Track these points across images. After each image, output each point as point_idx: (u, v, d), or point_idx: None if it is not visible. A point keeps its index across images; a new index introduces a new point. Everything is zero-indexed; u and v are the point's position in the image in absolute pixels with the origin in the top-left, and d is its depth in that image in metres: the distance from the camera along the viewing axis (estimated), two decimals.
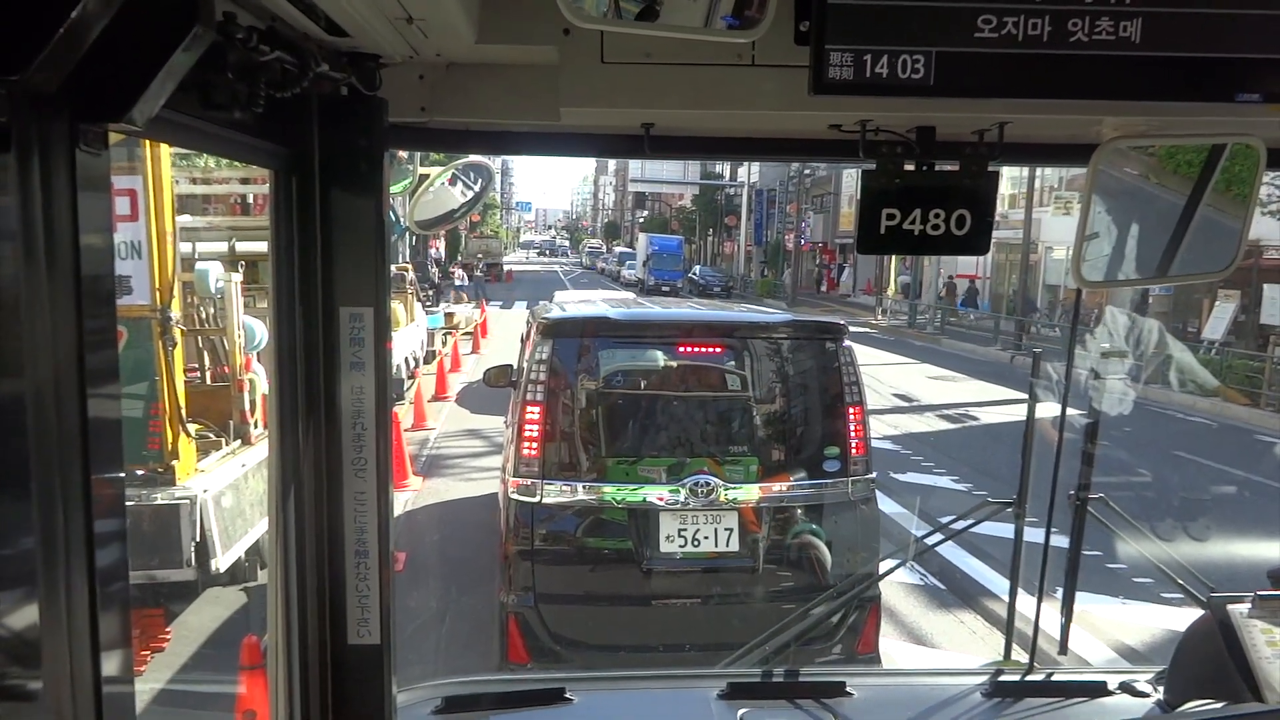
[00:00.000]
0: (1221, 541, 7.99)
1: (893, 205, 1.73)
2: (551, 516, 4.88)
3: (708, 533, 4.82)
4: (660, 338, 5.31)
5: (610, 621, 4.93)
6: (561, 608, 4.80)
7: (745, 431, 5.19)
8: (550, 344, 5.01)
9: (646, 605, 4.89)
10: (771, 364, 5.38)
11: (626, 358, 5.27)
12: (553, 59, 1.60)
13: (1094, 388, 2.90)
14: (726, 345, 5.35)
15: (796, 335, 5.43)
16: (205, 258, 7.24)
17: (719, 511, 4.84)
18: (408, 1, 1.36)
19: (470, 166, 2.67)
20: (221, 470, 6.35)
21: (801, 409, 5.33)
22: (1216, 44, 1.40)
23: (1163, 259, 1.86)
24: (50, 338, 0.93)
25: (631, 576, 4.85)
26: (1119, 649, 6.06)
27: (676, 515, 4.82)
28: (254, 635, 4.45)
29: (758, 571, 4.87)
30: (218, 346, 7.32)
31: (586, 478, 4.95)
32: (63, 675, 0.95)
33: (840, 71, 1.39)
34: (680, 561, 4.84)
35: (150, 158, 5.59)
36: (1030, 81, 1.40)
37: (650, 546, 4.82)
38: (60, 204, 0.92)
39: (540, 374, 4.91)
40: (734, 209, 59.15)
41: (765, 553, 4.89)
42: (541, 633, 4.76)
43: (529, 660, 4.75)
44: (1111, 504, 2.77)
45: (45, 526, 0.93)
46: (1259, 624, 2.03)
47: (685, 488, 4.81)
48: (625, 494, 4.88)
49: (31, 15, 0.80)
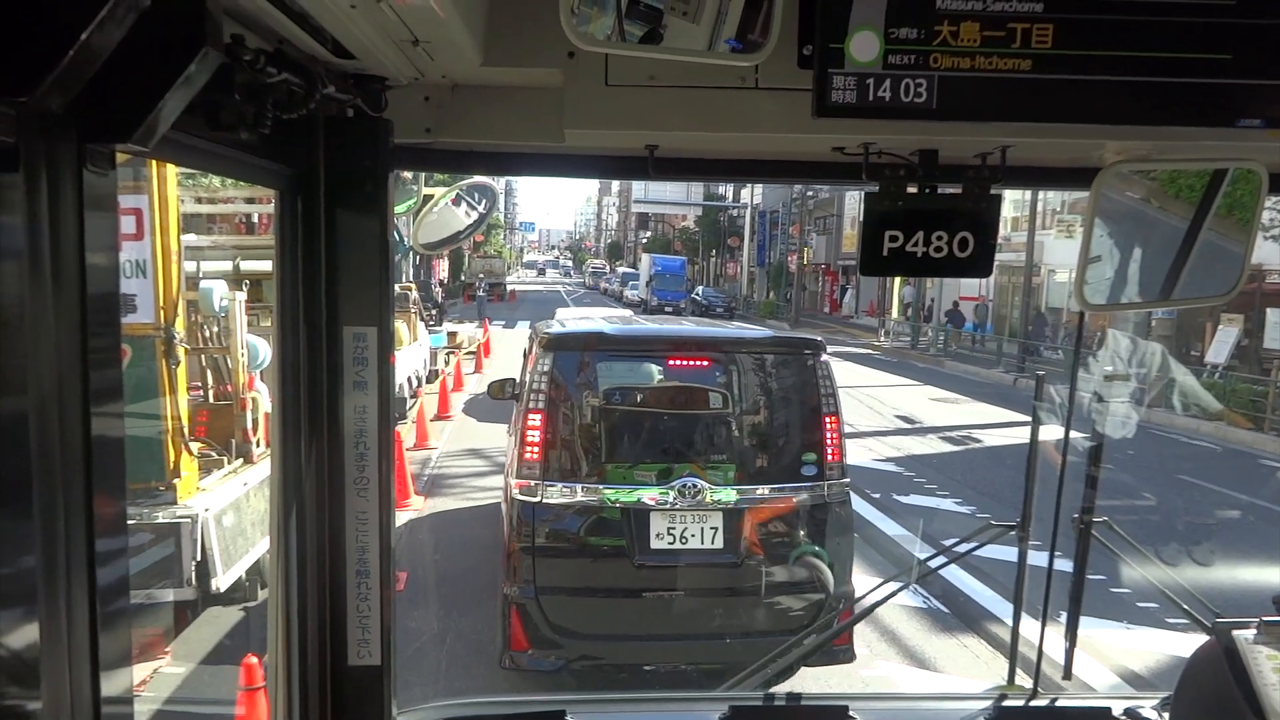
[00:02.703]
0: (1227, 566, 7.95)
1: (895, 227, 1.73)
2: (551, 516, 5.24)
3: (694, 531, 5.20)
4: (652, 351, 5.77)
5: (604, 612, 5.31)
6: (559, 599, 5.17)
7: (730, 438, 5.58)
8: (551, 357, 5.40)
9: (638, 597, 5.24)
10: (755, 376, 5.76)
11: (621, 370, 5.67)
12: (557, 81, 1.61)
13: (1097, 411, 2.89)
14: (713, 359, 5.72)
15: (778, 350, 5.92)
16: (210, 276, 7.25)
17: (705, 511, 5.21)
18: (414, 24, 1.37)
19: (474, 187, 2.68)
20: (223, 489, 6.34)
21: (782, 418, 5.72)
22: (1218, 70, 1.40)
23: (1165, 283, 1.86)
24: (55, 355, 0.93)
25: (624, 571, 5.22)
26: (1124, 675, 6.01)
27: (666, 515, 5.20)
28: (254, 655, 4.43)
29: (741, 566, 5.23)
30: (221, 365, 7.33)
31: (583, 480, 5.31)
32: (62, 694, 0.95)
33: (843, 95, 1.39)
34: (669, 556, 5.21)
35: (156, 177, 5.63)
36: (1032, 105, 1.41)
37: (641, 543, 5.19)
38: (67, 223, 0.93)
39: (541, 384, 5.30)
40: (737, 230, 59.08)
41: (747, 550, 5.26)
42: (541, 622, 5.14)
43: (529, 648, 5.16)
44: (1115, 528, 2.75)
45: (46, 543, 0.92)
46: (1265, 650, 2.01)
47: (674, 490, 5.19)
48: (619, 495, 5.24)
49: (41, 37, 0.81)
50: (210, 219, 11.73)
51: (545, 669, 5.24)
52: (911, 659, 6.53)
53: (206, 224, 11.70)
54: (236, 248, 8.50)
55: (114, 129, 0.97)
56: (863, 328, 38.42)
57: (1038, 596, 2.89)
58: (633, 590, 5.25)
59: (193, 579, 5.70)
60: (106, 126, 0.96)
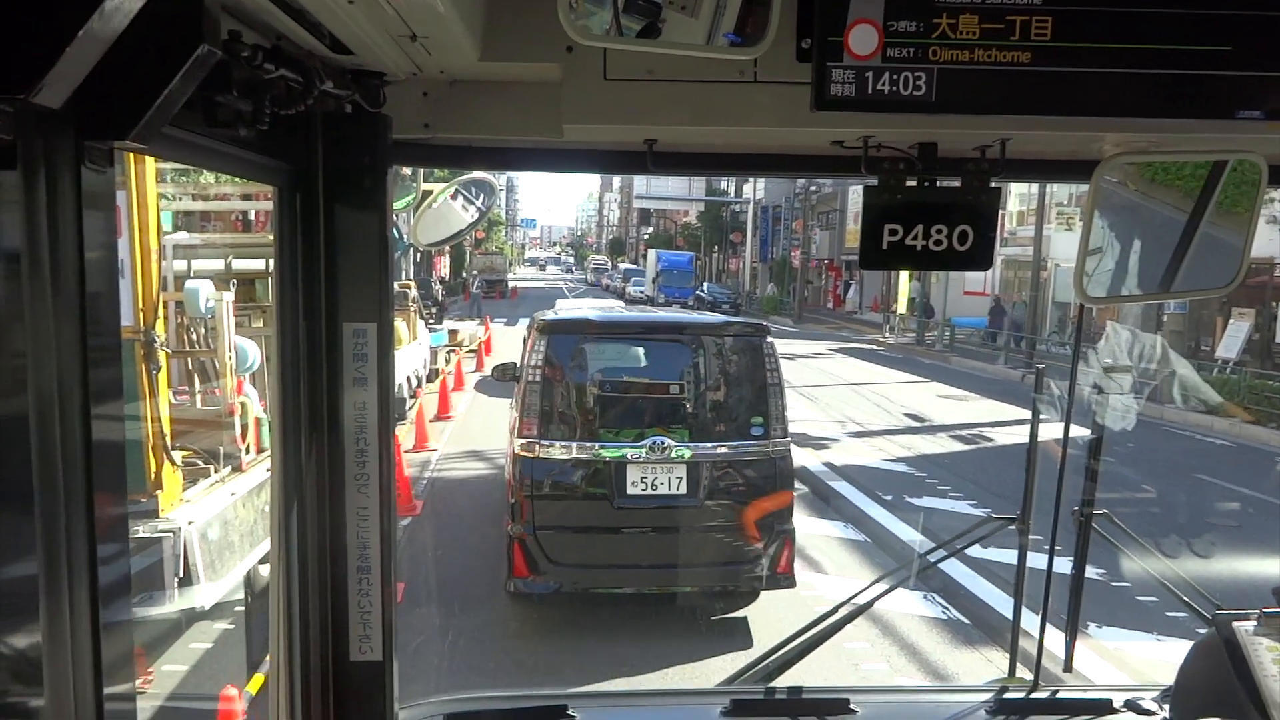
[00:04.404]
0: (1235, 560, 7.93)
1: (895, 221, 1.73)
2: (546, 469, 6.50)
3: (663, 480, 6.47)
4: (629, 334, 7.33)
5: (589, 545, 6.55)
6: (553, 534, 6.41)
7: (694, 404, 6.82)
8: (545, 339, 6.62)
9: (617, 533, 6.56)
10: (713, 354, 6.97)
11: (603, 349, 6.97)
12: (555, 76, 1.61)
13: (1097, 403, 2.89)
14: (680, 340, 7.06)
15: (732, 333, 7.12)
16: (201, 275, 7.05)
17: (671, 464, 6.47)
18: (412, 19, 1.37)
19: (473, 182, 2.67)
20: (209, 500, 6.03)
21: (735, 388, 6.94)
22: (1217, 62, 1.40)
23: (1165, 275, 1.86)
24: (54, 354, 0.93)
25: (606, 512, 6.49)
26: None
27: (639, 467, 6.44)
28: (232, 686, 4.26)
29: (701, 508, 6.49)
30: (208, 368, 7.05)
31: (573, 440, 6.56)
32: (65, 693, 0.95)
33: (842, 88, 1.39)
34: (642, 500, 6.45)
35: (135, 173, 5.32)
36: (1032, 98, 1.41)
37: (620, 490, 6.45)
38: (65, 221, 0.93)
39: (537, 361, 6.52)
40: (739, 225, 58.71)
41: (706, 494, 6.51)
42: (538, 554, 6.38)
43: (529, 574, 6.38)
44: (1116, 520, 2.75)
45: (48, 544, 0.93)
46: (1265, 641, 2.01)
47: (646, 447, 6.45)
48: (602, 451, 6.49)
49: (38, 34, 0.81)
50: (204, 216, 11.57)
51: (541, 590, 6.48)
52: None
53: (200, 222, 11.52)
54: (229, 245, 8.29)
55: (112, 126, 0.97)
56: (866, 323, 38.04)
57: (1038, 590, 2.89)
58: (613, 528, 6.53)
59: (175, 596, 5.45)
60: (105, 124, 0.96)
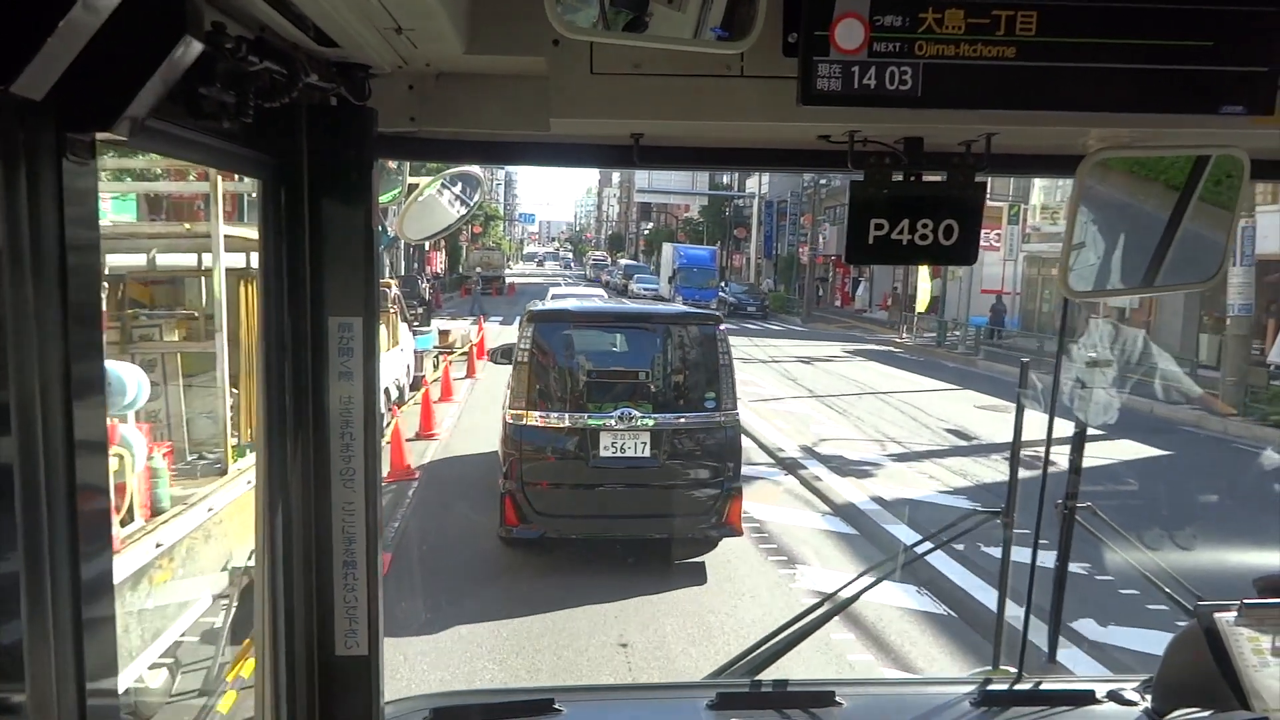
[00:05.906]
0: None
1: (881, 215, 1.73)
2: (532, 434, 7.75)
3: (630, 444, 7.75)
4: (604, 323, 8.77)
5: (569, 499, 7.81)
6: (538, 489, 7.68)
7: (657, 381, 8.10)
8: (533, 327, 7.93)
9: (592, 489, 7.79)
10: (676, 339, 8.26)
11: (584, 335, 8.29)
12: (542, 69, 1.60)
13: (1080, 396, 2.91)
14: (647, 327, 8.33)
15: (691, 322, 8.43)
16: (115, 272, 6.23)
17: (637, 431, 7.75)
18: (397, 12, 1.36)
19: (459, 176, 2.66)
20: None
21: (694, 367, 8.19)
22: (1201, 57, 1.41)
23: (1149, 269, 1.87)
24: (36, 348, 0.92)
25: (583, 470, 7.74)
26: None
27: (611, 433, 7.72)
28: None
29: (661, 467, 7.80)
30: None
31: (556, 410, 7.85)
32: (47, 689, 0.95)
33: (828, 83, 1.39)
34: (613, 461, 7.74)
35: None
36: (1017, 93, 1.41)
37: (594, 452, 7.72)
38: (47, 213, 0.92)
39: (527, 345, 7.86)
40: (743, 221, 56.86)
41: (666, 456, 7.81)
42: (525, 506, 7.63)
43: (518, 523, 7.64)
44: (1100, 513, 2.77)
45: (29, 539, 0.92)
46: (1246, 632, 2.04)
47: (616, 417, 7.71)
48: (580, 419, 7.76)
49: (19, 24, 0.80)
50: (154, 205, 10.55)
51: (528, 537, 7.73)
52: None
53: (149, 212, 10.43)
54: (151, 236, 6.97)
55: (94, 118, 0.96)
56: (878, 322, 36.50)
57: (1023, 583, 2.91)
58: (588, 484, 7.77)
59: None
60: (86, 115, 0.95)
